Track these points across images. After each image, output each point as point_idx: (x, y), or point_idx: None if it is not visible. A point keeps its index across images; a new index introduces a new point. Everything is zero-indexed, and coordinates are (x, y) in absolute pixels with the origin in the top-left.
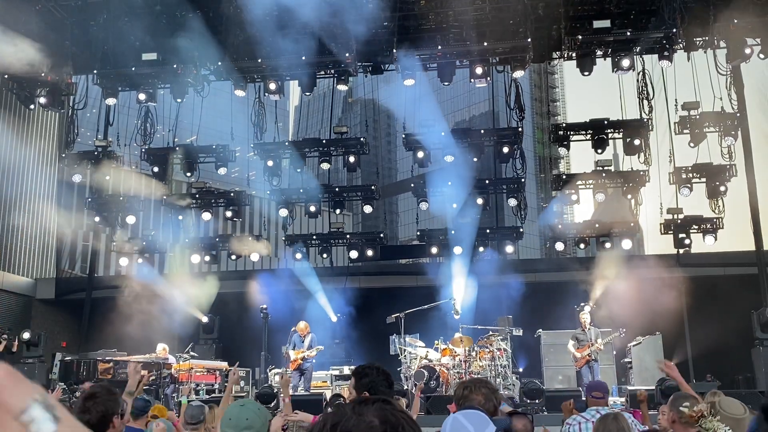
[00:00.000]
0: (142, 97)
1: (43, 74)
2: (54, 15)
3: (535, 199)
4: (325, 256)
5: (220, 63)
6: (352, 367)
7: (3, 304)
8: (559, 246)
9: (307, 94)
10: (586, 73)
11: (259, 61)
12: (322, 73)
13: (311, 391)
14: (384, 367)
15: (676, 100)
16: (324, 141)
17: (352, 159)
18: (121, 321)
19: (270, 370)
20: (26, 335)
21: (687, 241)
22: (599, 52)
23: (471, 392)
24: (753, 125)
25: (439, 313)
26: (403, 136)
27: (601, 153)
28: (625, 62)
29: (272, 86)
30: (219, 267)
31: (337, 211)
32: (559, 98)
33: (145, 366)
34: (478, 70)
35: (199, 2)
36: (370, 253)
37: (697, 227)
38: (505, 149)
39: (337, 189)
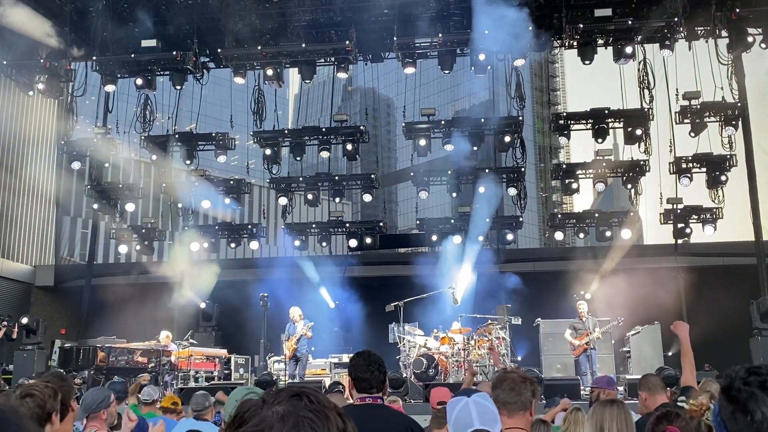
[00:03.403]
0: (139, 82)
1: (41, 60)
2: (53, 1)
3: (535, 189)
4: (324, 244)
5: (219, 50)
6: (351, 355)
7: (2, 291)
8: (559, 235)
9: (307, 82)
10: (587, 62)
11: (259, 48)
12: (322, 60)
13: (306, 378)
14: (372, 353)
15: (677, 89)
16: (324, 129)
17: (350, 147)
18: (121, 308)
19: (269, 358)
20: (24, 320)
21: (687, 231)
22: (600, 41)
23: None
24: (753, 115)
25: (438, 302)
26: (403, 124)
27: (601, 142)
28: (627, 51)
29: (271, 73)
30: (218, 255)
31: (337, 199)
32: (559, 87)
33: (144, 353)
34: (480, 58)
35: None
36: (369, 241)
37: (696, 217)
38: (506, 138)
39: (336, 177)
